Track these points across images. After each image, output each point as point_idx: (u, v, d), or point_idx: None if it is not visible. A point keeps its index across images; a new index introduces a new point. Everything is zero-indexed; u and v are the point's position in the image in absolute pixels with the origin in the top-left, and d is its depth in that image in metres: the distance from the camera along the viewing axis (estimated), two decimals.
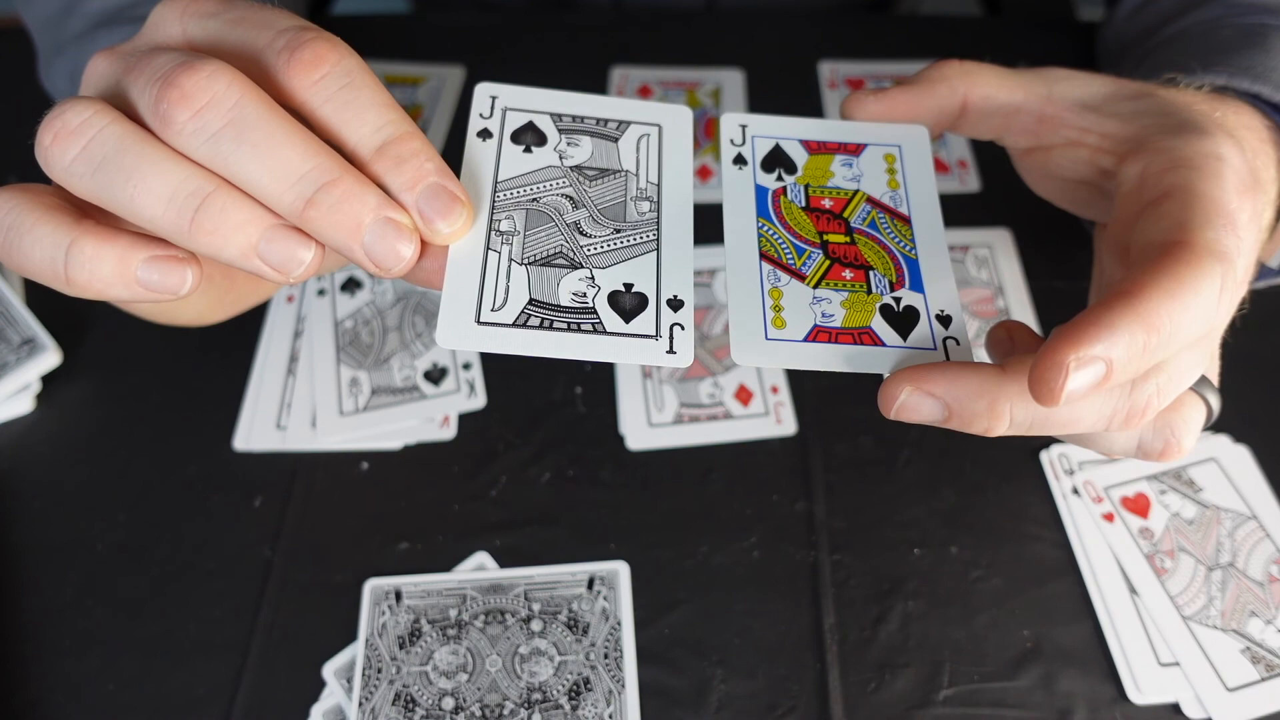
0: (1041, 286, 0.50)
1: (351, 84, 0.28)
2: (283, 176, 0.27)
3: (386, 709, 0.37)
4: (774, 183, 0.34)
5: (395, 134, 0.28)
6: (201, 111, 0.26)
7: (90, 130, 0.27)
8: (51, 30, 0.51)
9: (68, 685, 0.39)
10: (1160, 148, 0.32)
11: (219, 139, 0.27)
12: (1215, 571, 0.41)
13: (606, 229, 0.31)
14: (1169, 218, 0.29)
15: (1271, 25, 0.43)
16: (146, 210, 0.27)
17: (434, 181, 0.28)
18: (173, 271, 0.28)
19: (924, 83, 0.36)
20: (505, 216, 0.31)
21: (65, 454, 0.45)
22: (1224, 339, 0.33)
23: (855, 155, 0.35)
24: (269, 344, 0.48)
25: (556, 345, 0.28)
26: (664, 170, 0.33)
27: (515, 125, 0.33)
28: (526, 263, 0.30)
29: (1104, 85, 0.35)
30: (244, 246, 0.27)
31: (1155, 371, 0.29)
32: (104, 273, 0.27)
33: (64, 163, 0.27)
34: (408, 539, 0.43)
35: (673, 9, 0.68)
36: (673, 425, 0.46)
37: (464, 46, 0.62)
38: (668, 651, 0.39)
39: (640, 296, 0.30)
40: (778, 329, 0.30)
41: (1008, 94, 0.36)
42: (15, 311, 0.48)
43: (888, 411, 0.29)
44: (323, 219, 0.27)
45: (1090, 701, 0.38)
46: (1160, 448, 0.32)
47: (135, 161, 0.27)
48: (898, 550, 0.42)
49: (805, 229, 0.32)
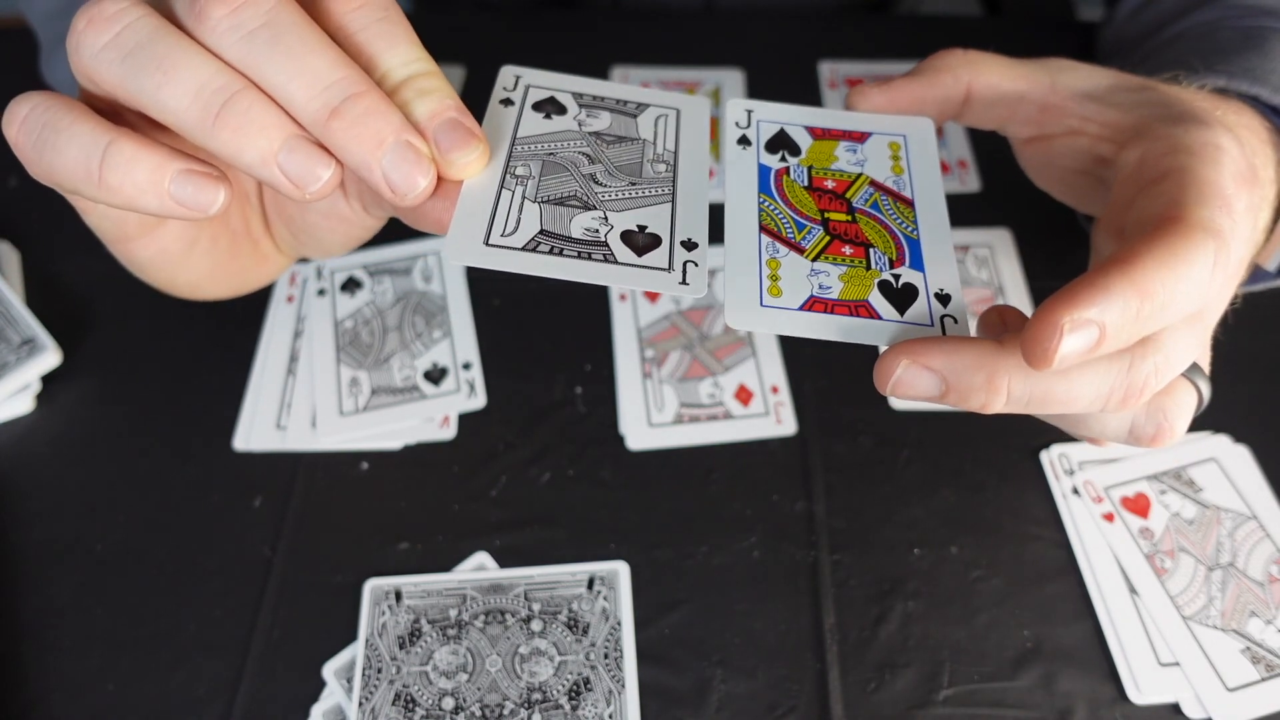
0: (1041, 286, 0.50)
1: (388, 18, 0.29)
2: (311, 83, 0.27)
3: (386, 709, 0.37)
4: (777, 163, 0.33)
5: (422, 69, 0.29)
6: (239, 9, 0.27)
7: (126, 18, 0.27)
8: (54, 23, 0.51)
9: (68, 685, 0.39)
10: (1160, 135, 0.32)
11: (253, 39, 0.27)
12: (1215, 571, 0.41)
13: (622, 181, 0.31)
14: (1164, 196, 0.29)
15: (1270, 28, 0.43)
16: (172, 101, 0.27)
17: (453, 116, 0.29)
18: (205, 187, 0.28)
19: (928, 73, 0.36)
20: (522, 164, 0.31)
21: (65, 454, 0.45)
22: (1215, 335, 0.33)
23: (860, 142, 0.34)
24: (269, 344, 0.48)
25: (565, 269, 0.28)
26: (681, 144, 0.33)
27: (537, 98, 0.33)
28: (540, 200, 0.30)
29: (1107, 77, 0.35)
30: (265, 151, 0.27)
31: (1153, 350, 0.29)
32: (138, 178, 0.27)
33: (95, 48, 0.27)
34: (408, 539, 0.43)
35: (672, 9, 0.68)
36: (673, 425, 0.46)
37: (464, 46, 0.62)
38: (668, 651, 0.39)
39: (654, 236, 0.29)
40: (773, 296, 0.29)
41: (1011, 83, 0.36)
42: (15, 311, 0.48)
43: (883, 387, 0.29)
44: (346, 131, 0.27)
45: (1090, 701, 0.38)
46: (1153, 432, 0.32)
47: (166, 51, 0.27)
48: (898, 550, 0.42)
49: (807, 206, 0.32)
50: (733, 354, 0.48)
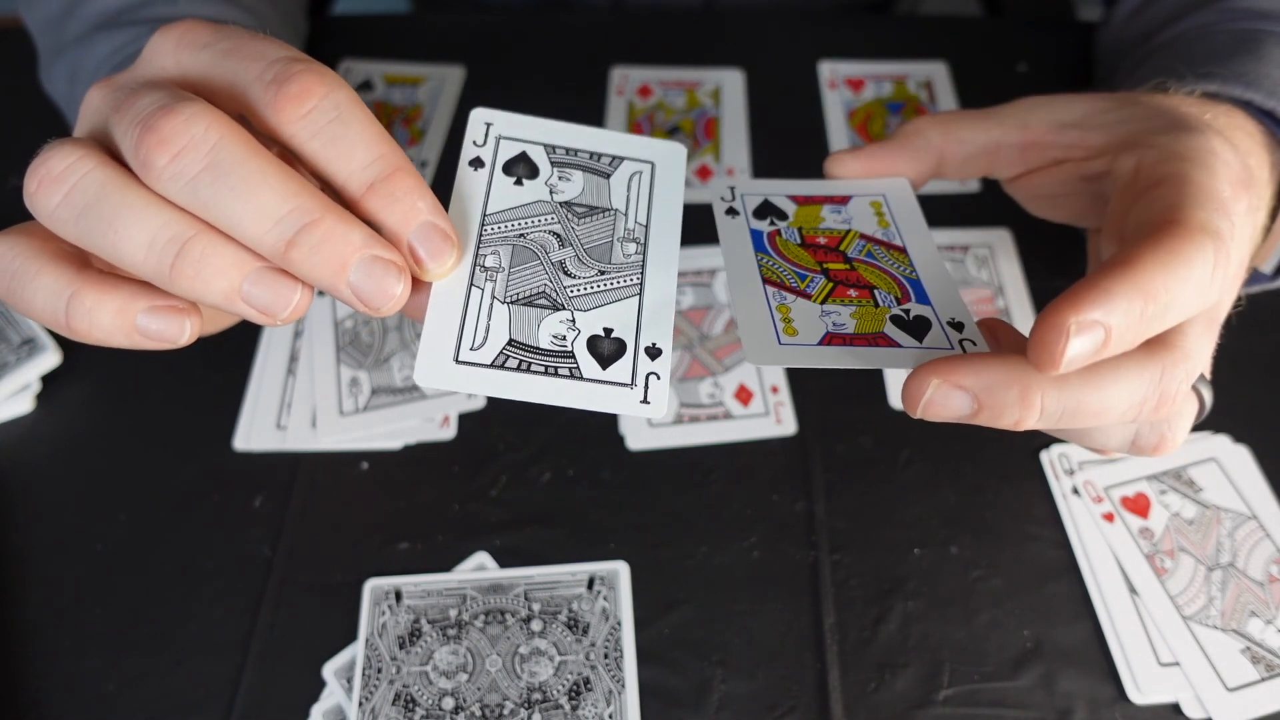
0: (1041, 286, 0.50)
1: (340, 117, 0.28)
2: (263, 218, 0.27)
3: (386, 709, 0.37)
4: (768, 226, 0.34)
5: (385, 170, 0.28)
6: (179, 156, 0.26)
7: (73, 177, 0.27)
8: (52, 32, 0.51)
9: (68, 685, 0.39)
10: (1154, 143, 0.32)
11: (197, 183, 0.26)
12: (1215, 571, 0.41)
13: (591, 270, 0.31)
14: (1162, 200, 0.29)
15: (1265, 31, 0.43)
16: (128, 256, 0.27)
17: (426, 220, 0.28)
18: (172, 321, 0.28)
19: (899, 139, 0.36)
20: (491, 251, 0.31)
21: (65, 454, 0.45)
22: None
23: (842, 205, 0.35)
24: (269, 344, 0.48)
25: (531, 390, 0.28)
26: (653, 209, 0.33)
27: (508, 155, 0.33)
28: (509, 301, 0.30)
29: (1080, 103, 0.36)
30: (227, 290, 0.27)
31: (1182, 358, 0.29)
32: (104, 323, 0.27)
33: (49, 209, 0.27)
34: (408, 539, 0.43)
35: (672, 9, 0.68)
36: (673, 425, 0.46)
37: (464, 46, 0.62)
38: (668, 651, 0.39)
39: (619, 343, 0.30)
40: (790, 336, 0.30)
41: (984, 135, 0.36)
42: (15, 311, 0.48)
43: (914, 409, 0.28)
44: (305, 259, 0.27)
45: (1090, 701, 0.38)
46: (1155, 441, 0.32)
47: (115, 209, 0.27)
48: (898, 550, 0.42)
49: (804, 260, 0.33)
50: (733, 354, 0.48)
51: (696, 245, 0.51)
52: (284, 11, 0.57)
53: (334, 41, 0.63)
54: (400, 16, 0.74)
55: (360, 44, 0.63)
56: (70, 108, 0.51)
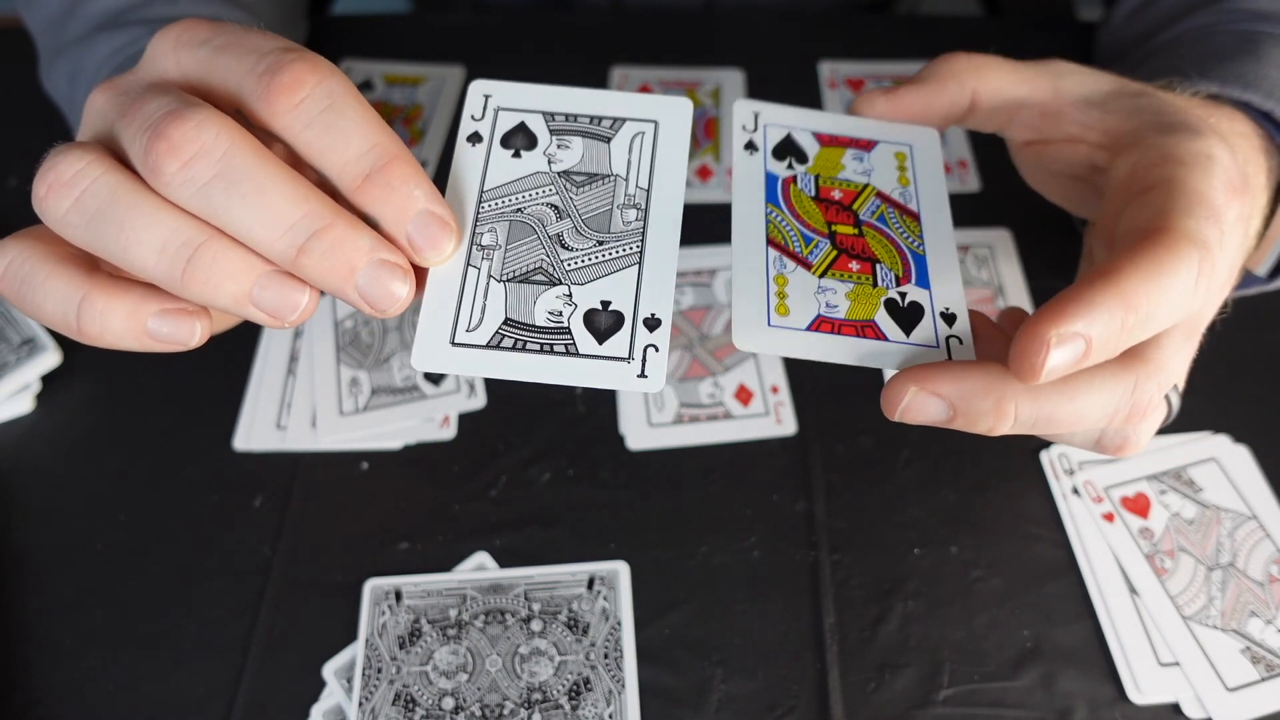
0: (1041, 286, 0.50)
1: (333, 106, 0.28)
2: (274, 225, 0.27)
3: (386, 709, 0.37)
4: (784, 170, 0.33)
5: (382, 159, 0.28)
6: (190, 163, 0.26)
7: (83, 182, 0.27)
8: (52, 32, 0.51)
9: (68, 685, 0.39)
10: (1152, 144, 0.32)
11: (209, 189, 0.26)
12: (1215, 571, 0.41)
13: (589, 241, 0.31)
14: (1152, 206, 0.29)
15: (1264, 32, 0.43)
16: (139, 261, 0.27)
17: (423, 209, 0.28)
18: (182, 324, 0.28)
19: (933, 79, 0.35)
20: (488, 229, 0.30)
21: (65, 454, 0.45)
22: (1201, 342, 0.33)
23: (867, 151, 0.35)
24: (269, 344, 0.48)
25: (528, 369, 0.28)
26: (655, 172, 0.32)
27: (506, 127, 0.32)
28: (505, 279, 0.30)
29: (1108, 82, 0.35)
30: (237, 294, 0.27)
31: (1155, 370, 0.29)
32: (115, 326, 0.27)
33: (58, 214, 0.27)
34: (408, 539, 0.43)
35: (672, 9, 0.68)
36: (673, 425, 0.46)
37: (464, 46, 0.62)
38: (668, 651, 0.39)
39: (616, 315, 0.29)
40: (781, 316, 0.30)
41: (1015, 88, 0.36)
42: (15, 311, 0.48)
43: (891, 413, 0.29)
44: (315, 266, 0.27)
45: (1090, 701, 0.38)
46: (1119, 443, 0.33)
47: (126, 213, 0.27)
48: (898, 550, 0.42)
49: (814, 218, 0.32)
50: (733, 354, 0.48)
51: (697, 245, 0.51)
52: (285, 10, 0.57)
53: (334, 41, 0.63)
54: (400, 16, 0.74)
55: (360, 44, 0.63)
56: (70, 108, 0.51)
